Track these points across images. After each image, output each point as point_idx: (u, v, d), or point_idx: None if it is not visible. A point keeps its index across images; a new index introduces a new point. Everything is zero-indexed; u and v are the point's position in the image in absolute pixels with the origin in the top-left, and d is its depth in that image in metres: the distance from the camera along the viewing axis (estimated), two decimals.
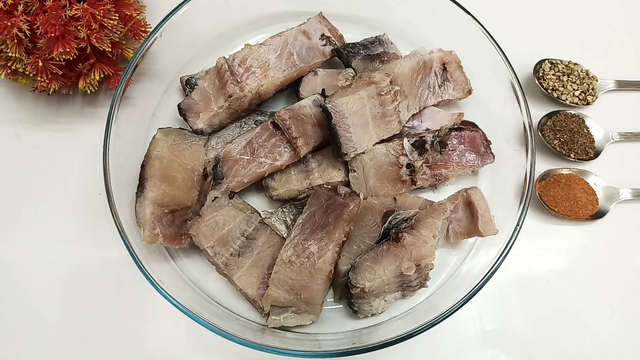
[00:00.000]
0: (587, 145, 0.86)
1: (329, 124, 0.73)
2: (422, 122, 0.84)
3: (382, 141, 0.78)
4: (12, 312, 0.76)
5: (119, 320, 0.75)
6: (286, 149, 0.78)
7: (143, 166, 0.76)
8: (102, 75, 0.82)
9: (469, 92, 0.86)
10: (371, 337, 0.69)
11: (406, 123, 0.82)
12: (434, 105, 0.86)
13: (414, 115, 0.83)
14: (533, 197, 0.81)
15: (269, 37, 0.85)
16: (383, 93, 0.75)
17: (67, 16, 0.74)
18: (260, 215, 0.76)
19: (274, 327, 0.71)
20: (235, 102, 0.80)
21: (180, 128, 0.82)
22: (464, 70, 0.86)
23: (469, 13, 0.84)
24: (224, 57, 0.81)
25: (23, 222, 0.81)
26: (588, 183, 0.84)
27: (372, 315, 0.73)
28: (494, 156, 0.81)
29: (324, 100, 0.74)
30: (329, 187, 0.78)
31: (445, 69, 0.84)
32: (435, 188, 0.83)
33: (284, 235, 0.74)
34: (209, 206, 0.74)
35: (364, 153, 0.77)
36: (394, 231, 0.73)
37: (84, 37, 0.75)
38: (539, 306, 0.78)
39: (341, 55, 0.86)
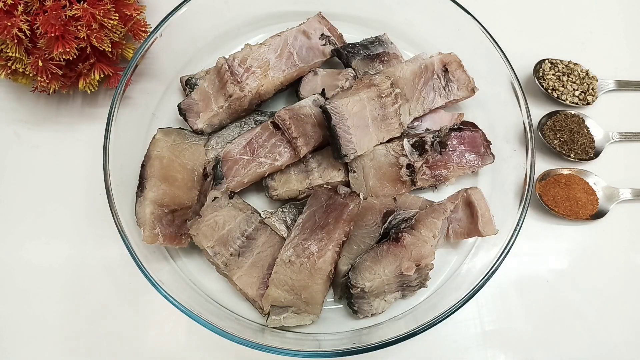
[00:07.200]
0: (587, 145, 0.86)
1: (329, 125, 0.73)
2: (422, 122, 0.84)
3: (382, 143, 0.78)
4: (12, 312, 0.76)
5: (118, 320, 0.75)
6: (286, 149, 0.78)
7: (143, 166, 0.76)
8: (102, 75, 0.82)
9: (473, 90, 0.85)
10: (371, 337, 0.69)
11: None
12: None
13: None
14: (533, 197, 0.81)
15: (269, 37, 0.85)
16: (383, 95, 0.75)
17: (67, 16, 0.74)
18: (260, 215, 0.76)
19: (274, 327, 0.71)
20: (235, 102, 0.80)
21: (180, 128, 0.82)
22: (465, 69, 0.86)
23: (469, 13, 0.84)
24: (224, 57, 0.81)
25: (23, 222, 0.81)
26: (588, 183, 0.84)
27: (372, 315, 0.73)
28: (494, 156, 0.81)
29: (324, 101, 0.74)
30: (329, 187, 0.78)
31: (446, 70, 0.84)
32: (435, 188, 0.83)
33: (284, 235, 0.74)
34: (209, 206, 0.74)
35: (364, 154, 0.77)
36: (394, 231, 0.73)
37: (84, 37, 0.75)
38: (539, 306, 0.78)
39: (341, 56, 0.86)
